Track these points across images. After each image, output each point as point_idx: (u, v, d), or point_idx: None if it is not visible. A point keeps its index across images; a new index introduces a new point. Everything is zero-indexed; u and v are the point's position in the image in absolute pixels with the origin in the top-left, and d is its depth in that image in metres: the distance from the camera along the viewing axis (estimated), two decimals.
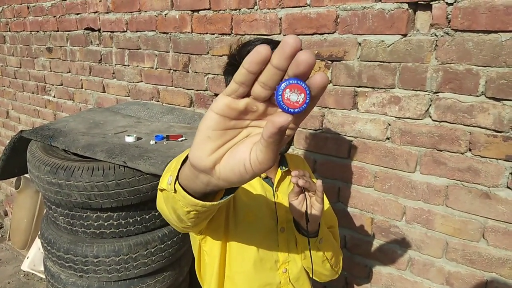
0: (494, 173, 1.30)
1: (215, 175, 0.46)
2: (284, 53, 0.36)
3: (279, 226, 1.12)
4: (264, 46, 0.37)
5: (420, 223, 1.48)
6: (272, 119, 0.38)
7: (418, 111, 1.40)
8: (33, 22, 3.04)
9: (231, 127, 0.44)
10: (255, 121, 0.44)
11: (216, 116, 0.42)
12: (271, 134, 0.38)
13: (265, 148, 0.40)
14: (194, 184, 0.54)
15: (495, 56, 1.22)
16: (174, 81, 2.16)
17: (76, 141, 1.67)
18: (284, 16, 1.62)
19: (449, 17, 1.28)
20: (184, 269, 1.96)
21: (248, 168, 0.43)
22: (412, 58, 1.37)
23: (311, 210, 0.99)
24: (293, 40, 0.35)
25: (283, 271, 1.14)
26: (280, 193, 1.15)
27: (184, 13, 1.98)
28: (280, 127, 0.37)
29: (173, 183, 0.59)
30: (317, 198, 0.98)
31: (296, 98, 0.37)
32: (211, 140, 0.44)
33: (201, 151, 0.45)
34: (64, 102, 3.02)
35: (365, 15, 1.43)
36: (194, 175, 0.51)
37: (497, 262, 1.35)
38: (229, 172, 0.44)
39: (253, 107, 0.42)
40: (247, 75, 0.39)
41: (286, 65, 0.37)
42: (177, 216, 0.70)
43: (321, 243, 1.07)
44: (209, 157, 0.45)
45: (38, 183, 1.61)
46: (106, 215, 1.62)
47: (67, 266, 1.67)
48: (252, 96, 0.41)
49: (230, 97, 0.41)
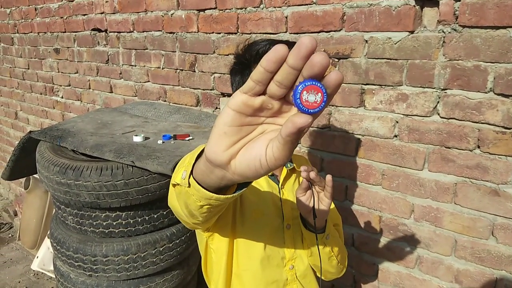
0: (503, 170, 1.29)
1: (230, 170, 0.47)
2: (299, 53, 0.37)
3: (285, 223, 1.13)
4: (282, 46, 0.38)
5: (429, 221, 1.47)
6: (293, 120, 0.39)
7: (426, 108, 1.39)
8: (40, 23, 3.06)
9: (247, 124, 0.45)
10: (270, 118, 0.45)
11: (232, 112, 0.43)
12: (291, 133, 0.39)
13: (282, 146, 0.41)
14: (208, 178, 0.55)
15: (504, 52, 1.21)
16: (180, 80, 2.17)
17: (85, 141, 1.68)
18: (290, 14, 1.62)
19: (457, 13, 1.27)
20: (192, 268, 1.97)
21: (263, 164, 0.44)
22: (419, 55, 1.36)
23: (319, 206, 1.00)
24: (308, 40, 0.36)
25: (290, 268, 1.14)
26: (286, 191, 1.16)
27: (190, 12, 1.98)
28: (301, 127, 0.39)
29: (187, 177, 0.60)
30: (325, 193, 0.98)
31: (314, 98, 0.38)
32: (227, 135, 0.45)
33: (217, 147, 0.46)
34: (72, 103, 3.04)
35: (371, 12, 1.42)
36: (209, 170, 0.52)
37: (507, 259, 1.34)
38: (245, 167, 0.46)
39: (269, 105, 0.43)
40: (264, 74, 0.40)
41: (301, 65, 0.38)
42: (189, 211, 0.70)
43: (328, 239, 1.08)
44: (225, 152, 0.46)
45: (47, 183, 1.63)
46: (115, 214, 1.63)
47: (77, 266, 1.68)
48: (268, 94, 0.42)
49: (247, 94, 0.42)
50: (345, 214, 1.70)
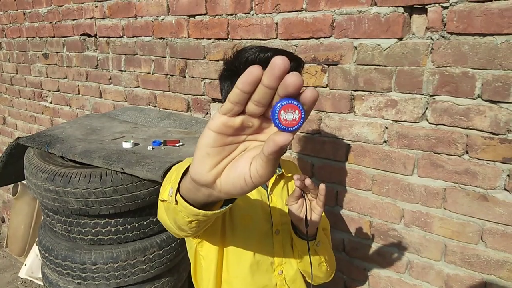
0: (492, 175, 1.30)
1: (217, 188, 0.48)
2: (273, 74, 0.38)
3: (274, 228, 1.14)
4: (256, 67, 0.39)
5: (419, 226, 1.48)
6: (274, 139, 0.40)
7: (415, 114, 1.40)
8: (29, 28, 3.04)
9: (229, 143, 0.45)
10: (251, 135, 0.46)
11: (213, 134, 0.44)
12: (273, 152, 0.40)
13: (265, 164, 0.42)
14: (195, 196, 0.56)
15: (491, 59, 1.23)
16: (171, 86, 2.16)
17: (73, 147, 1.66)
18: (280, 21, 1.63)
19: (445, 20, 1.28)
20: (182, 275, 1.95)
21: (248, 181, 0.45)
22: (408, 62, 1.37)
23: (311, 214, 1.00)
24: (281, 61, 0.37)
25: (279, 273, 1.15)
26: (274, 196, 1.17)
27: (181, 18, 1.98)
28: (282, 146, 0.40)
29: (174, 194, 0.60)
30: (318, 201, 0.99)
31: (292, 116, 0.39)
32: (210, 156, 0.46)
33: (202, 168, 0.47)
34: (61, 108, 3.01)
35: (361, 19, 1.43)
36: (195, 189, 0.53)
37: (495, 264, 1.35)
38: (230, 186, 0.46)
39: (249, 123, 0.44)
40: (241, 95, 0.40)
41: (276, 84, 0.39)
42: (177, 226, 0.71)
43: (318, 246, 1.09)
44: (209, 173, 0.46)
45: (35, 190, 1.61)
46: (104, 221, 1.61)
47: (65, 273, 1.66)
48: (247, 113, 0.43)
49: (226, 115, 0.43)
50: (335, 219, 1.70)
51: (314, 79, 1.60)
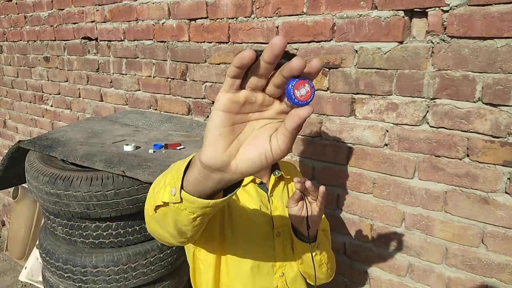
0: (492, 178, 1.30)
1: (231, 170, 0.49)
2: (272, 52, 0.42)
3: (275, 231, 1.14)
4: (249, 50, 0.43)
5: (420, 229, 1.48)
6: (297, 113, 0.44)
7: (416, 117, 1.40)
8: (30, 31, 3.05)
9: (237, 122, 0.48)
10: (255, 113, 0.49)
11: (222, 113, 0.46)
12: (297, 125, 0.44)
13: (288, 138, 0.46)
14: (204, 186, 0.55)
15: (491, 62, 1.23)
16: (172, 89, 2.17)
17: (75, 150, 1.67)
18: (281, 25, 1.63)
19: (445, 24, 1.29)
20: (183, 278, 1.95)
21: (269, 157, 0.47)
22: (408, 65, 1.38)
23: (311, 217, 1.00)
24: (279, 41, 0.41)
25: (280, 275, 1.15)
26: (275, 198, 1.17)
27: (182, 22, 1.99)
28: (305, 118, 0.44)
29: (178, 192, 0.59)
30: (318, 204, 0.99)
31: (304, 91, 0.44)
32: (222, 137, 0.47)
33: (215, 150, 0.48)
34: (62, 111, 3.02)
35: (361, 22, 1.44)
36: (205, 177, 0.53)
37: (497, 267, 1.35)
38: (249, 165, 0.48)
39: (252, 98, 0.47)
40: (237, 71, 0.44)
41: (275, 60, 0.42)
42: (178, 229, 0.70)
43: (319, 248, 1.09)
44: (224, 154, 0.48)
45: (36, 194, 1.61)
46: (105, 224, 1.61)
47: (66, 277, 1.66)
48: (250, 87, 0.46)
49: (229, 92, 0.46)
50: (336, 222, 1.71)
51: (314, 82, 1.60)
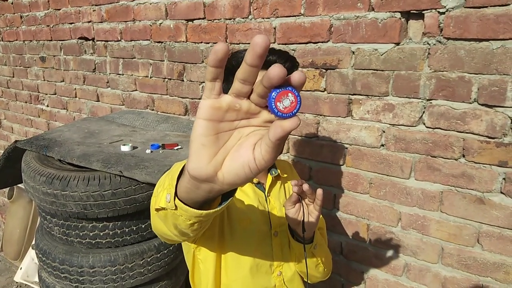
0: (488, 178, 1.31)
1: (219, 181, 0.47)
2: (255, 53, 0.39)
3: (272, 230, 1.14)
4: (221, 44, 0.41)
5: (416, 228, 1.49)
6: (281, 125, 0.40)
7: (412, 118, 1.41)
8: (26, 31, 3.03)
9: (222, 130, 0.45)
10: (243, 121, 0.46)
11: (204, 122, 0.44)
12: (280, 137, 0.41)
13: (272, 149, 0.43)
14: (195, 194, 0.54)
15: (487, 64, 1.24)
16: (169, 89, 2.17)
17: (72, 151, 1.66)
18: (279, 25, 1.64)
19: (441, 25, 1.30)
20: (180, 278, 1.95)
21: (253, 168, 0.45)
22: (405, 66, 1.39)
23: (308, 219, 1.01)
24: (261, 40, 0.38)
25: (278, 274, 1.15)
26: (272, 198, 1.18)
27: (179, 22, 1.99)
28: (289, 130, 0.40)
29: (172, 200, 0.58)
30: (315, 206, 0.99)
31: (288, 102, 0.40)
32: (206, 147, 0.45)
33: (200, 161, 0.46)
34: (58, 112, 3.01)
35: (358, 24, 1.45)
36: (195, 187, 0.52)
37: (492, 266, 1.36)
38: (234, 176, 0.46)
39: (236, 105, 0.44)
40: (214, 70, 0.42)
41: (258, 62, 0.40)
42: (179, 231, 0.69)
43: (315, 248, 1.09)
44: (208, 165, 0.46)
45: (33, 194, 1.60)
46: (102, 225, 1.61)
47: (63, 277, 1.65)
48: (234, 93, 0.44)
49: (211, 98, 0.44)
50: (333, 222, 1.71)
51: (312, 83, 1.61)
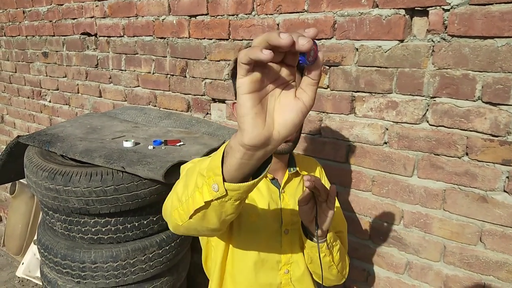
0: (491, 177, 1.31)
1: (274, 140, 0.54)
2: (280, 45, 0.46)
3: (283, 228, 1.13)
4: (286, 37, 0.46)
5: (418, 227, 1.49)
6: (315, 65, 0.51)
7: (415, 115, 1.41)
8: (28, 26, 3.03)
9: (262, 97, 0.53)
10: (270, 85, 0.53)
11: (249, 95, 0.51)
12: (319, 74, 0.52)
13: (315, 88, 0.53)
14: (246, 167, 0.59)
15: (491, 62, 1.24)
16: (171, 86, 2.16)
17: (74, 146, 1.66)
18: (282, 22, 1.63)
19: (446, 23, 1.29)
20: (182, 274, 1.96)
21: (304, 111, 0.53)
22: (409, 64, 1.38)
23: (321, 217, 0.98)
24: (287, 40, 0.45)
25: (285, 272, 1.15)
26: (287, 195, 1.16)
27: (182, 18, 1.99)
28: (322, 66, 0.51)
29: (222, 186, 0.62)
30: (329, 203, 0.96)
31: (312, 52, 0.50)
32: (258, 115, 0.52)
33: (257, 129, 0.52)
34: (60, 107, 3.01)
35: (362, 21, 1.44)
36: (249, 158, 0.57)
37: (494, 265, 1.36)
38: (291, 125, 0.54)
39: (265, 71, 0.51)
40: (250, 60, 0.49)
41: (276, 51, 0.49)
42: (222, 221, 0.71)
43: (328, 248, 1.06)
44: (264, 129, 0.53)
45: (35, 189, 1.61)
46: (104, 220, 1.61)
47: (64, 272, 1.66)
48: None
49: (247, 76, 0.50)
50: None
51: None
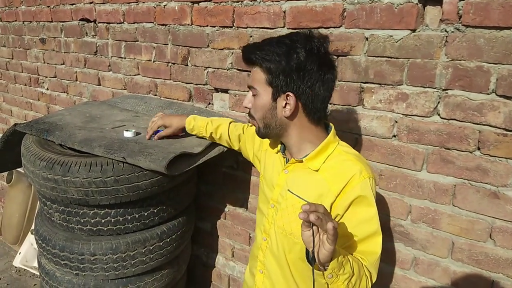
0: (503, 172, 1.27)
1: None
2: None
3: (270, 200, 1.20)
4: None
5: (426, 222, 1.46)
6: None
7: (426, 108, 1.37)
8: (25, 12, 2.96)
9: None
10: None
11: None
12: None
13: None
14: None
15: (507, 53, 1.19)
16: (172, 74, 2.11)
17: (73, 135, 1.62)
18: (289, 9, 1.58)
19: (460, 12, 1.24)
20: (182, 267, 1.93)
21: None
22: (421, 54, 1.34)
23: (318, 248, 0.89)
24: None
25: (263, 239, 1.24)
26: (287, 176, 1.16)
27: (184, 4, 1.93)
28: None
29: None
30: (327, 240, 0.87)
31: None
32: None
33: None
34: (58, 95, 2.95)
35: (373, 9, 1.39)
36: None
37: (504, 262, 1.33)
38: None
39: None
40: None
41: None
42: None
43: (330, 277, 0.95)
44: None
45: (33, 179, 1.56)
46: (104, 212, 1.57)
47: (63, 264, 1.62)
48: None
49: None
50: None
51: None
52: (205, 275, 2.30)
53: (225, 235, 2.15)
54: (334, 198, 1.06)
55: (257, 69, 1.09)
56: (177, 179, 1.61)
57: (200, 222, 2.21)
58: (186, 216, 1.83)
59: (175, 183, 1.64)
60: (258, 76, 1.09)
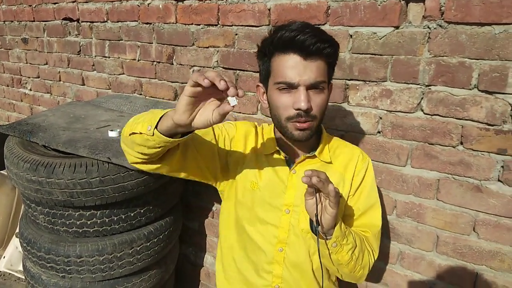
0: (486, 166, 1.29)
1: (191, 127, 0.85)
2: None
3: (284, 207, 1.13)
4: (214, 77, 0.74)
5: (411, 216, 1.47)
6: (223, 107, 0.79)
7: (410, 104, 1.38)
8: (6, 11, 2.90)
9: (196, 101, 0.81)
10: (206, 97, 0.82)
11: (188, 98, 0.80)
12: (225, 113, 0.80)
13: (221, 116, 0.80)
14: (171, 131, 0.88)
15: (489, 49, 1.21)
16: (157, 73, 2.10)
17: (57, 136, 1.59)
18: (273, 7, 1.58)
19: (443, 9, 1.26)
20: (170, 267, 1.92)
21: (210, 122, 0.81)
22: (404, 51, 1.35)
23: (323, 214, 0.94)
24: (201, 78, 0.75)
25: (279, 250, 1.15)
26: (297, 176, 1.13)
27: (168, 2, 1.91)
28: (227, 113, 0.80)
29: (153, 129, 0.88)
30: (330, 203, 0.92)
31: None
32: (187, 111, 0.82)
33: (184, 117, 0.82)
34: (41, 96, 2.91)
35: (356, 6, 1.40)
36: (174, 128, 0.86)
37: (487, 254, 1.35)
38: (201, 124, 0.83)
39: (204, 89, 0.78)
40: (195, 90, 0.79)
41: None
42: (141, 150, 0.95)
43: (334, 246, 0.99)
44: (188, 119, 0.82)
45: (16, 181, 1.54)
46: (89, 213, 1.55)
47: (49, 267, 1.60)
48: None
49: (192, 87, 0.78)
50: None
51: None
52: (193, 274, 2.29)
53: (213, 234, 2.14)
54: (349, 186, 1.15)
55: (320, 61, 1.01)
56: (163, 178, 1.60)
57: (188, 221, 2.20)
58: (173, 215, 1.82)
59: (161, 182, 1.63)
60: (322, 68, 1.02)
